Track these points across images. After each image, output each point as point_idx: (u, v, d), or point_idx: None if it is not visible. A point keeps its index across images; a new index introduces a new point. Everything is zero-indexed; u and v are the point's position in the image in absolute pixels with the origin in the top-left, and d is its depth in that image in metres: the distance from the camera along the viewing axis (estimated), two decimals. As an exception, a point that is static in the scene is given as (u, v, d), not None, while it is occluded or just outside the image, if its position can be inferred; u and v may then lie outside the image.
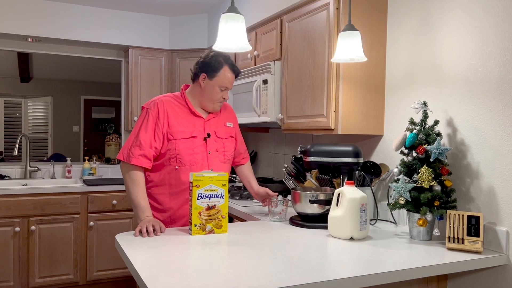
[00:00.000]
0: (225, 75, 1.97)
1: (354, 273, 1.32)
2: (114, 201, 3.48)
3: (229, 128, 2.11)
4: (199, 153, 1.95)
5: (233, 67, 2.00)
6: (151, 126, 1.91)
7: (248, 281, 1.24)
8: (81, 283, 3.42)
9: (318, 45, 2.25)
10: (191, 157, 1.93)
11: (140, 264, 1.37)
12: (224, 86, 1.98)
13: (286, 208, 2.09)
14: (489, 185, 1.70)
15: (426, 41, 1.99)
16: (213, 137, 2.01)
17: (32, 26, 3.59)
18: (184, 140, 1.93)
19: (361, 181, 2.14)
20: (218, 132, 2.04)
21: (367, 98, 2.19)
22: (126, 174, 1.89)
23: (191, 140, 1.94)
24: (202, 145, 1.97)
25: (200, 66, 1.99)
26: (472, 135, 1.77)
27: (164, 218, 1.98)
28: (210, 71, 1.96)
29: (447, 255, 1.56)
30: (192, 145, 1.94)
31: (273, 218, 2.08)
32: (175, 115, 1.95)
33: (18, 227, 3.19)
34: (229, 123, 2.13)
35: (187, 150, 1.93)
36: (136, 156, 1.87)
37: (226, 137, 2.07)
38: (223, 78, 1.97)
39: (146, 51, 3.97)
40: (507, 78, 1.63)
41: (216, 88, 1.98)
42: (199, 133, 1.98)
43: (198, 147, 1.96)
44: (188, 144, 1.94)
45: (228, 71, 1.98)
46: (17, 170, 3.84)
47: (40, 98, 4.13)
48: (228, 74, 1.98)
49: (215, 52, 1.98)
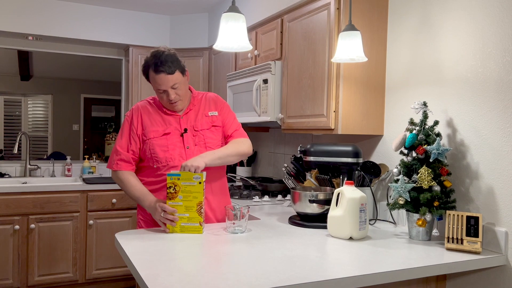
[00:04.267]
0: (152, 78, 1.91)
1: (353, 273, 1.33)
2: (114, 200, 3.48)
3: (212, 117, 2.04)
4: (175, 149, 1.94)
5: (155, 67, 1.87)
6: (126, 132, 1.98)
7: (248, 280, 1.24)
8: (80, 281, 3.42)
9: (318, 45, 2.26)
10: (167, 154, 1.94)
11: (140, 262, 1.38)
12: (158, 87, 1.90)
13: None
14: (489, 185, 1.70)
15: (426, 41, 1.99)
16: (191, 131, 1.98)
17: (33, 24, 3.59)
18: (157, 139, 1.94)
19: (361, 181, 2.14)
20: (196, 125, 1.99)
21: (367, 98, 2.19)
22: (116, 179, 1.99)
23: (165, 137, 1.95)
24: (179, 141, 1.96)
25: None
26: (471, 135, 1.77)
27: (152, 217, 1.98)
28: (146, 77, 1.95)
29: (446, 255, 1.56)
30: (166, 142, 1.94)
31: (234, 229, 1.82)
32: (149, 117, 1.98)
33: (17, 225, 3.19)
34: (212, 112, 2.05)
35: (161, 148, 1.94)
36: (115, 162, 1.97)
37: (208, 128, 2.01)
38: (153, 82, 1.91)
39: (147, 50, 3.97)
40: (507, 79, 1.63)
41: (156, 92, 1.95)
42: (175, 129, 1.97)
43: (173, 144, 1.95)
44: (162, 142, 1.94)
45: (152, 73, 1.89)
46: (16, 168, 3.85)
47: (40, 97, 4.13)
48: (153, 76, 1.89)
49: (146, 57, 1.93)
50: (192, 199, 1.76)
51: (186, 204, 1.76)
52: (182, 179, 1.75)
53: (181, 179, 1.75)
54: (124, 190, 1.98)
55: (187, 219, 1.76)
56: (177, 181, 1.75)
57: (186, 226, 1.77)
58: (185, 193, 1.75)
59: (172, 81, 1.89)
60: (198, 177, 1.75)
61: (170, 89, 1.90)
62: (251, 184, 3.03)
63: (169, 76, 1.88)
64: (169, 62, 1.88)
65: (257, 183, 2.98)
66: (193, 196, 1.76)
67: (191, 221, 1.76)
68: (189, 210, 1.76)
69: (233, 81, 3.09)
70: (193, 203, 1.76)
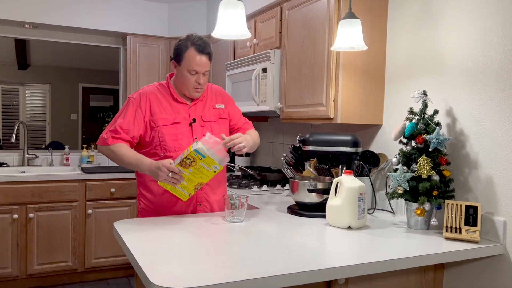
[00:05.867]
0: (190, 57, 1.86)
1: (352, 262, 1.33)
2: (113, 189, 3.48)
3: (219, 110, 2.04)
4: (184, 139, 1.93)
5: (199, 47, 1.85)
6: (130, 114, 1.90)
7: (247, 269, 1.24)
8: (79, 270, 3.43)
9: (318, 34, 2.24)
10: (175, 143, 1.92)
11: (139, 251, 1.38)
12: (192, 69, 1.86)
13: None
14: (488, 175, 1.70)
15: (427, 30, 1.97)
16: (199, 121, 1.97)
17: (30, 12, 3.55)
18: (166, 127, 1.92)
19: (360, 170, 2.14)
20: (204, 116, 1.99)
21: (366, 87, 2.18)
22: (106, 152, 1.89)
23: (174, 126, 1.93)
24: (187, 130, 1.95)
25: (171, 54, 1.95)
26: (471, 125, 1.77)
27: (155, 206, 1.97)
28: (177, 56, 1.90)
29: (444, 244, 1.57)
30: (175, 131, 1.93)
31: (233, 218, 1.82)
32: (158, 103, 1.94)
33: (16, 214, 3.19)
34: (219, 105, 2.05)
35: (171, 136, 1.92)
36: (110, 138, 1.87)
37: (215, 120, 2.01)
38: (189, 61, 1.86)
39: (145, 39, 3.94)
40: (508, 68, 1.62)
41: (185, 73, 1.89)
42: (184, 119, 1.95)
43: (182, 133, 1.94)
44: (171, 131, 1.92)
45: (193, 52, 1.85)
46: (15, 157, 3.84)
47: (38, 86, 4.10)
48: (194, 55, 1.85)
49: (186, 36, 1.90)
50: (198, 178, 1.79)
51: (191, 177, 1.77)
52: (204, 161, 1.74)
53: (203, 160, 1.74)
54: (117, 161, 1.88)
55: (182, 185, 1.79)
56: (198, 159, 1.74)
57: (178, 189, 1.80)
58: (197, 170, 1.76)
59: (207, 67, 1.92)
60: (217, 168, 1.76)
61: (202, 74, 1.91)
62: (250, 174, 3.03)
63: (208, 61, 1.91)
64: (210, 48, 1.92)
65: (256, 173, 2.98)
66: (200, 177, 1.78)
67: (184, 189, 1.80)
68: (189, 182, 1.78)
69: (232, 70, 3.07)
70: (196, 181, 1.79)
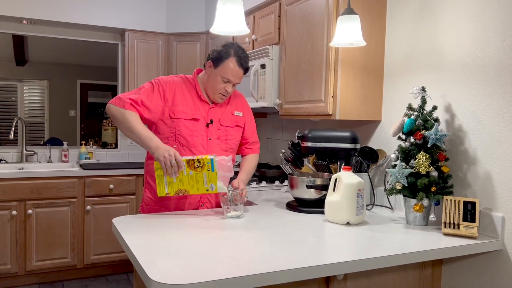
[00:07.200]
0: (229, 66, 1.90)
1: (351, 258, 1.33)
2: (111, 186, 3.47)
3: (237, 117, 2.06)
4: (199, 137, 1.95)
5: (240, 60, 1.91)
6: (151, 95, 1.90)
7: (246, 265, 1.24)
8: (78, 266, 3.44)
9: (317, 29, 2.23)
10: (191, 138, 1.93)
11: (138, 248, 1.38)
12: (226, 77, 1.90)
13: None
14: (486, 171, 1.70)
15: (425, 26, 1.97)
16: (216, 124, 1.99)
17: (27, 8, 3.53)
18: (185, 121, 1.93)
19: (358, 166, 2.14)
20: (222, 120, 2.01)
21: (365, 83, 2.18)
22: (117, 113, 1.85)
23: (192, 122, 1.94)
24: (204, 130, 1.96)
25: (210, 53, 1.97)
26: (470, 121, 1.77)
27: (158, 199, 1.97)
28: (216, 60, 1.92)
29: (442, 240, 1.57)
30: (193, 127, 1.94)
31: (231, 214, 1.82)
32: (181, 95, 1.95)
33: (15, 211, 3.19)
34: (238, 112, 2.07)
35: (188, 131, 1.93)
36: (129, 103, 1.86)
37: (232, 126, 2.04)
38: (226, 69, 1.90)
39: (143, 35, 3.93)
40: (507, 64, 1.62)
41: (218, 77, 1.92)
42: (202, 117, 1.97)
43: (199, 131, 1.95)
44: (189, 125, 1.94)
45: (233, 63, 1.90)
46: (13, 154, 3.83)
47: (36, 82, 4.09)
48: (232, 66, 1.90)
49: (231, 43, 1.94)
50: (189, 184, 1.79)
51: (184, 179, 1.79)
52: (209, 174, 1.78)
53: (208, 173, 1.78)
54: (124, 128, 1.84)
55: (170, 180, 1.79)
56: (205, 168, 1.77)
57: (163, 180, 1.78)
58: (195, 177, 1.78)
59: (240, 80, 1.96)
60: (213, 188, 1.80)
61: (232, 84, 1.95)
62: (248, 170, 3.03)
63: (243, 75, 1.96)
64: (249, 62, 1.98)
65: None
66: (192, 185, 1.80)
67: (169, 184, 1.80)
68: (179, 182, 1.79)
69: (231, 66, 3.06)
70: (185, 186, 1.80)
